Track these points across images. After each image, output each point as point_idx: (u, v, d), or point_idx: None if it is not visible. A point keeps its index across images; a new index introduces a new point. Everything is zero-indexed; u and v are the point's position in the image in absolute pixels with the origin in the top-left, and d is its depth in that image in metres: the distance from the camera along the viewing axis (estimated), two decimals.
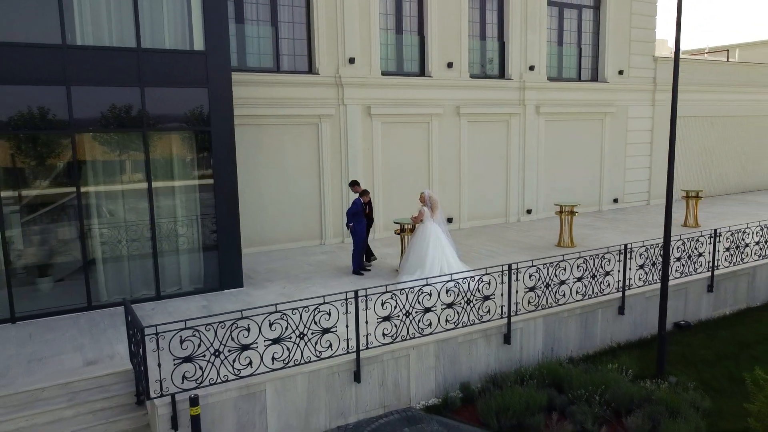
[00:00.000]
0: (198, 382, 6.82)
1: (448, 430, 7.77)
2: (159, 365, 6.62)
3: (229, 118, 10.67)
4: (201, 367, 6.86)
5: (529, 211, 18.05)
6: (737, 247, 12.00)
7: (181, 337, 6.74)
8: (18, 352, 8.31)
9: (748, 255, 12.23)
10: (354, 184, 12.45)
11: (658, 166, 20.80)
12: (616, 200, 20.02)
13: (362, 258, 12.12)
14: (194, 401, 6.63)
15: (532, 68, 17.55)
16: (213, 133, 10.56)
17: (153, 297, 10.44)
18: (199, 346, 6.84)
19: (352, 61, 14.58)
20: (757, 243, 12.37)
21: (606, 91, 19.23)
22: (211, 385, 6.92)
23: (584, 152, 19.06)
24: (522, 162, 17.76)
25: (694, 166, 22.13)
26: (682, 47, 32.27)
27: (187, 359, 6.77)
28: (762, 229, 12.46)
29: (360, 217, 11.94)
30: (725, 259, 11.84)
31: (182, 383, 6.74)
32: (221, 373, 7.03)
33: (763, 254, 12.47)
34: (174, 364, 6.79)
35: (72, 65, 9.39)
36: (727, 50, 26.83)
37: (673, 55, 21.50)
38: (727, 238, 11.91)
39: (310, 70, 14.49)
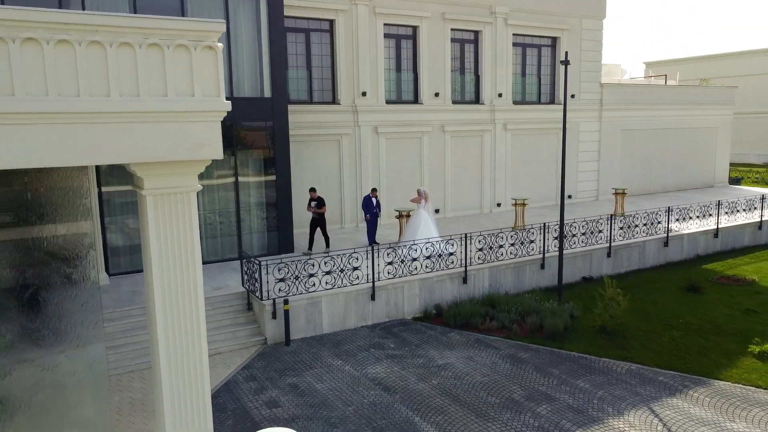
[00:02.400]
0: (287, 293, 12.62)
1: (426, 327, 13.57)
2: (267, 282, 12.44)
3: (286, 140, 16.45)
4: (288, 285, 12.68)
5: (498, 204, 23.82)
6: (629, 227, 17.79)
7: (278, 268, 12.56)
8: None
9: (638, 233, 18.01)
10: (312, 190, 17.60)
11: (605, 169, 26.59)
12: (570, 196, 25.76)
13: (373, 235, 17.80)
14: (286, 302, 12.43)
15: (500, 95, 23.33)
16: (276, 150, 16.35)
17: (236, 257, 16.21)
18: (287, 273, 12.66)
19: (364, 94, 20.35)
20: (645, 224, 18.16)
21: (560, 111, 24.92)
22: (293, 296, 12.72)
23: (543, 159, 24.81)
24: (493, 167, 23.53)
25: (636, 170, 27.90)
26: (651, 57, 37.97)
27: (281, 280, 12.59)
28: (648, 215, 18.26)
29: (371, 209, 17.62)
30: (619, 235, 17.63)
31: (278, 293, 12.55)
32: (298, 290, 12.83)
33: (650, 233, 18.25)
34: (275, 282, 12.61)
35: None
36: (665, 75, 32.52)
37: (618, 82, 27.15)
38: (620, 220, 17.68)
39: (334, 101, 20.26)
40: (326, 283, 13.15)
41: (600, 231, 17.25)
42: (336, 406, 9.98)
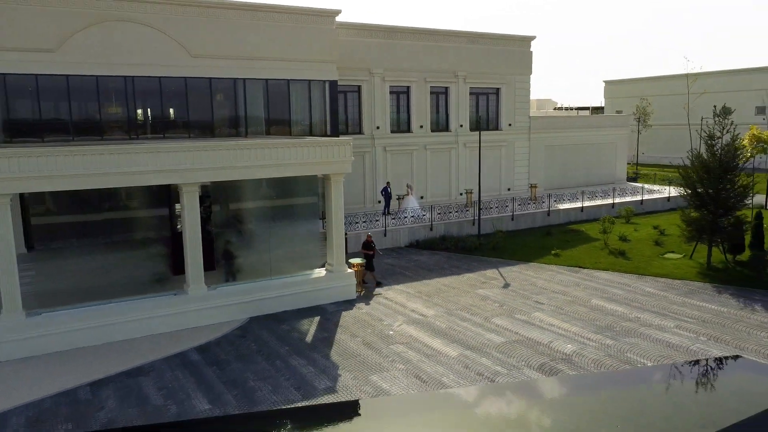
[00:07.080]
0: (346, 230, 28.30)
1: (411, 249, 29.25)
2: None
3: None
4: (345, 227, 28.41)
5: (461, 194, 39.43)
6: (525, 204, 33.44)
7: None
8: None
9: (530, 208, 33.64)
10: (387, 184, 33.69)
11: (533, 172, 42.20)
12: (509, 189, 41.39)
13: (386, 209, 33.36)
14: (346, 234, 28.11)
15: (461, 126, 38.99)
16: None
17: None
18: (346, 221, 28.44)
19: (378, 127, 35.98)
20: (535, 202, 33.81)
21: (502, 134, 40.60)
22: (348, 231, 28.39)
23: (489, 165, 40.39)
24: (457, 170, 39.14)
25: (556, 172, 43.47)
26: (615, 74, 52.97)
27: None
28: (536, 198, 33.91)
29: (386, 193, 33.17)
30: (518, 208, 33.26)
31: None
32: (350, 229, 28.50)
33: (538, 208, 33.87)
34: None
35: None
36: (578, 108, 48.12)
37: (544, 113, 42.63)
38: (519, 201, 33.35)
39: (360, 131, 35.87)
40: (363, 226, 28.81)
41: (507, 206, 32.93)
42: None
